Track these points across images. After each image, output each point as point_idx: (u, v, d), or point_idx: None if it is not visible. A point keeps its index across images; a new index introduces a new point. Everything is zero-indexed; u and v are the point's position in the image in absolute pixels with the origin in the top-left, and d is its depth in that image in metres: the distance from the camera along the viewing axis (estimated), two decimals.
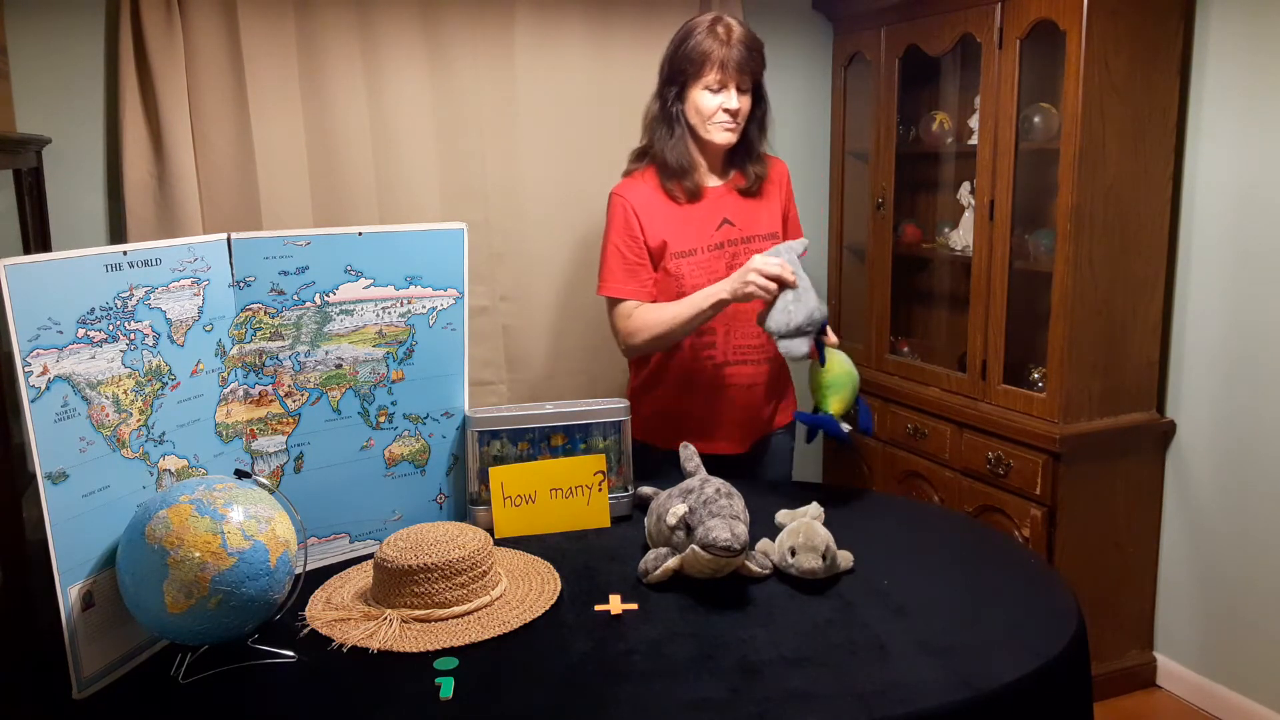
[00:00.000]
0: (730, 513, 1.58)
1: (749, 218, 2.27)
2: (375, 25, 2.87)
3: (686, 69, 2.17)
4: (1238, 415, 2.68)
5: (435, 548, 1.55)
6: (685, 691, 1.32)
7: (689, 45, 2.16)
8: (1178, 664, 2.91)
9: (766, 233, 2.28)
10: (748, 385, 2.28)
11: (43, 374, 1.33)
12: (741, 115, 2.18)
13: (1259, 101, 2.55)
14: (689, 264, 2.21)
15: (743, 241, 2.24)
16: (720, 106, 2.15)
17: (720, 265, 2.21)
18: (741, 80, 2.15)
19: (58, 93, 2.65)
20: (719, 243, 2.23)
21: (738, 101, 2.16)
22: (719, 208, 2.25)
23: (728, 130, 2.18)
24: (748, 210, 2.27)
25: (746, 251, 2.22)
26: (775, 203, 2.32)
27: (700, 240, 2.22)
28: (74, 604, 1.36)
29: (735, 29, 2.15)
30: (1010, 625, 1.50)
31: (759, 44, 2.18)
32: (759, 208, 2.28)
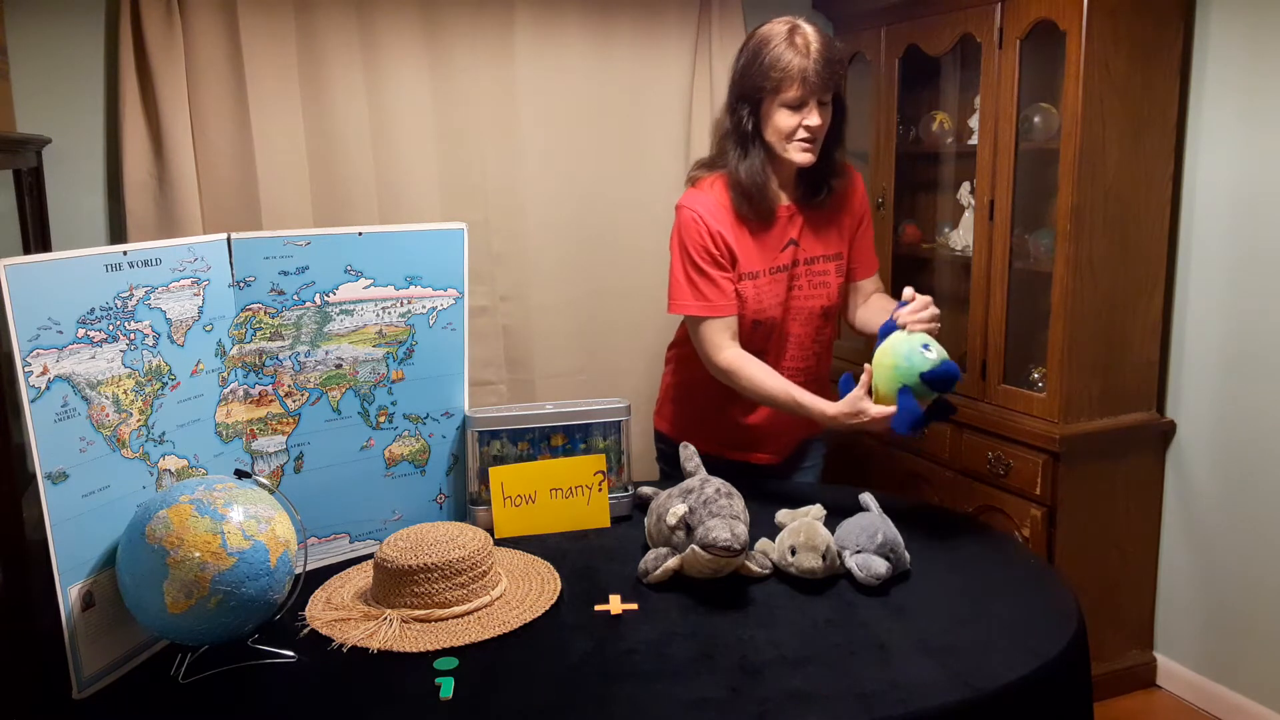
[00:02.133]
0: (730, 513, 1.58)
1: (815, 238, 2.12)
2: (375, 25, 2.87)
3: (763, 84, 1.97)
4: (1237, 415, 2.68)
5: (435, 548, 1.55)
6: (685, 691, 1.32)
7: (766, 58, 1.96)
8: (1178, 664, 2.91)
9: (831, 253, 2.15)
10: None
11: (43, 374, 1.33)
12: (823, 131, 2.01)
13: (1259, 101, 2.55)
14: (752, 286, 2.08)
15: (805, 263, 2.12)
16: (800, 124, 1.97)
17: (780, 288, 2.10)
18: (823, 95, 1.97)
19: (58, 93, 2.65)
20: (782, 264, 2.10)
21: (819, 118, 1.97)
22: (787, 228, 2.10)
23: (806, 150, 2.00)
24: (815, 229, 2.12)
25: (808, 274, 2.12)
26: (845, 220, 2.16)
27: (765, 263, 2.08)
28: (74, 604, 1.36)
29: (814, 39, 1.97)
30: (1010, 625, 1.50)
31: (839, 54, 2.01)
32: (828, 226, 2.13)
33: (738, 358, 2.04)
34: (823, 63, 1.95)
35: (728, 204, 2.05)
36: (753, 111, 2.01)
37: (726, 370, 2.04)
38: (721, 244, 2.03)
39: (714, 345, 2.05)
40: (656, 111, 3.22)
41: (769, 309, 2.10)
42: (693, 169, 2.17)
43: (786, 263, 2.10)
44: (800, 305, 2.14)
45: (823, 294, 2.15)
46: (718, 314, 2.04)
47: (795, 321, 2.14)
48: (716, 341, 2.05)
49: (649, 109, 3.21)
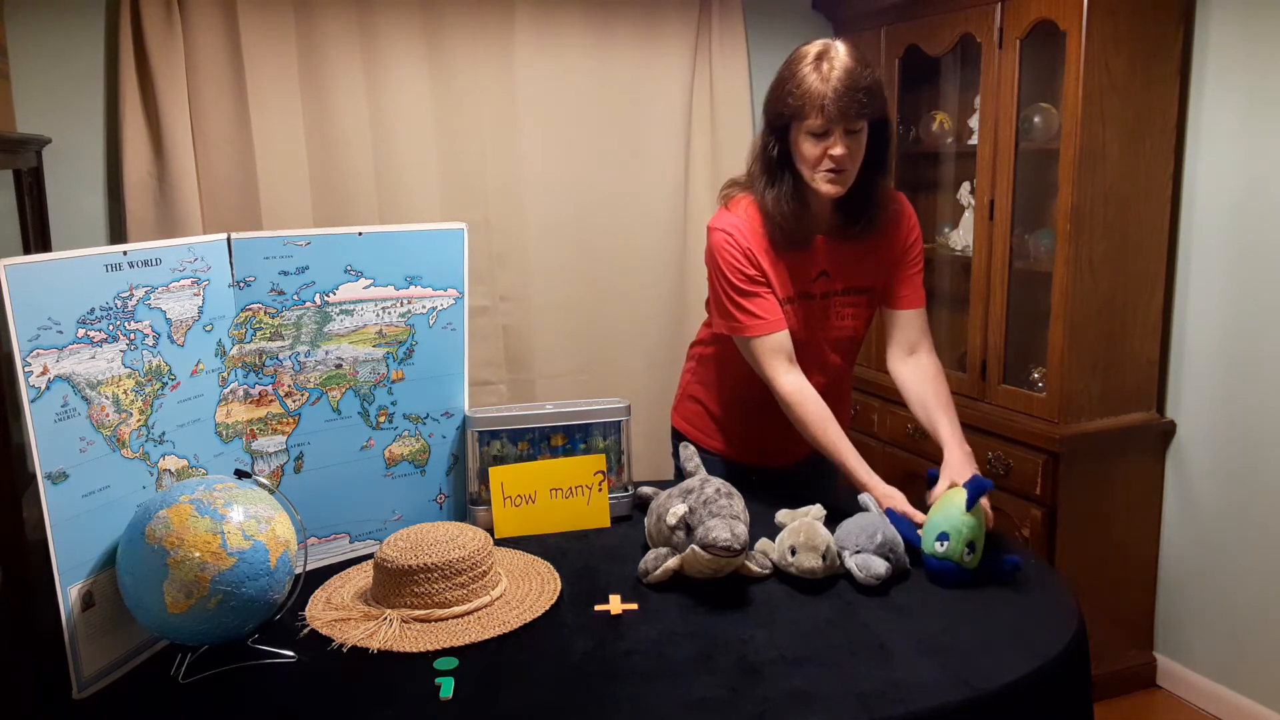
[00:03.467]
0: (730, 513, 1.58)
1: (848, 269, 2.02)
2: (375, 25, 2.87)
3: (786, 110, 1.86)
4: (1238, 415, 2.68)
5: (435, 548, 1.55)
6: (685, 691, 1.32)
7: (790, 83, 1.86)
8: (1178, 664, 2.91)
9: (861, 285, 2.04)
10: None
11: (43, 374, 1.32)
12: (852, 161, 1.87)
13: (1259, 101, 2.55)
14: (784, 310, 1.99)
15: (836, 294, 2.03)
16: (825, 153, 1.85)
17: (806, 315, 2.02)
18: (849, 123, 1.84)
19: (58, 93, 2.65)
20: (810, 293, 2.01)
21: (844, 147, 1.84)
22: (819, 258, 2.00)
23: (832, 181, 1.87)
24: (848, 259, 2.01)
25: (836, 305, 2.03)
26: (886, 253, 2.03)
27: (794, 289, 2.00)
28: (74, 604, 1.36)
29: (840, 64, 1.83)
30: (1010, 625, 1.50)
31: (870, 80, 1.85)
32: (865, 258, 2.02)
33: (799, 391, 1.94)
34: (846, 90, 1.81)
35: (759, 226, 1.95)
36: (780, 138, 1.90)
37: (786, 400, 1.94)
38: (756, 262, 1.94)
39: (772, 368, 1.95)
40: (656, 111, 3.22)
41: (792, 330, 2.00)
42: (725, 187, 2.06)
43: (815, 292, 2.01)
44: (824, 335, 2.06)
45: (849, 325, 2.08)
46: (766, 331, 1.94)
47: (818, 348, 2.07)
48: (773, 364, 1.95)
49: (649, 109, 3.21)
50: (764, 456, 2.20)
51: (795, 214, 1.92)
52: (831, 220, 1.98)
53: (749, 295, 1.94)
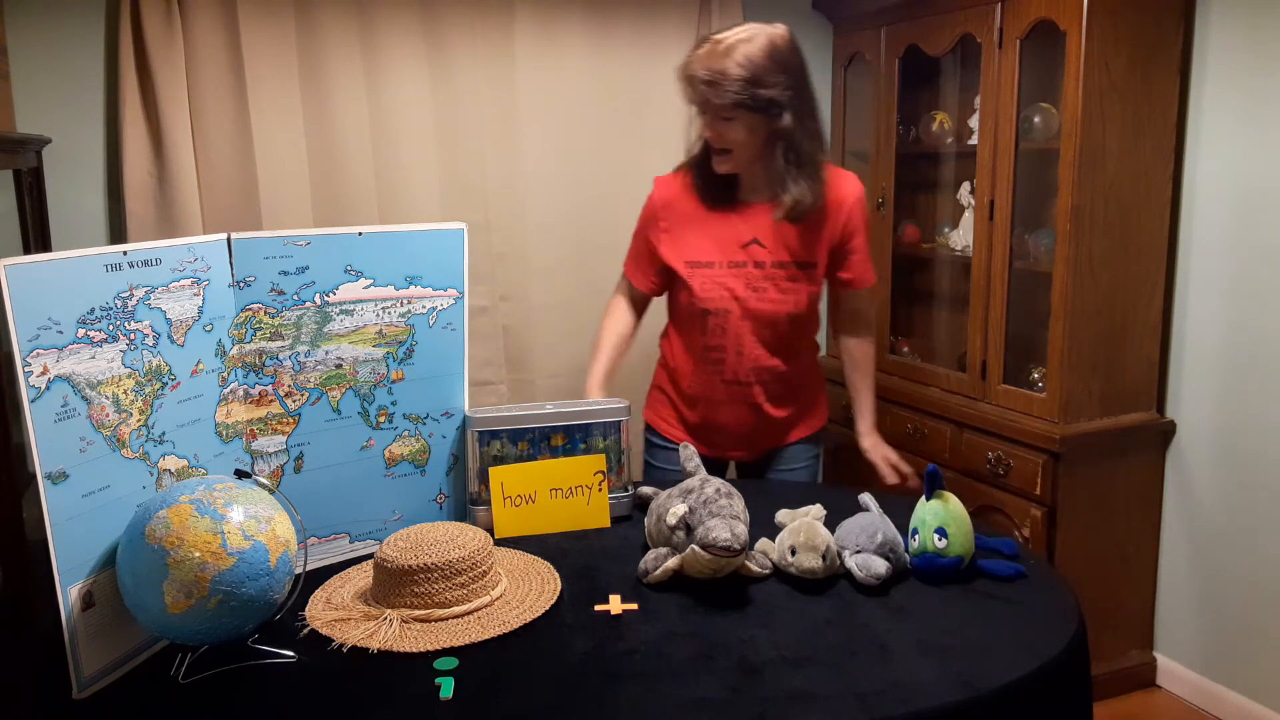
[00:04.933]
0: (730, 513, 1.58)
1: (785, 241, 2.10)
2: (375, 25, 2.87)
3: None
4: (1238, 415, 2.68)
5: (435, 548, 1.55)
6: (685, 691, 1.32)
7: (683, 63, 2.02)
8: (1178, 664, 2.91)
9: (802, 261, 2.11)
10: (755, 404, 2.22)
11: (43, 374, 1.32)
12: (730, 143, 2.01)
13: (1259, 101, 2.55)
14: (702, 275, 2.11)
15: (772, 266, 2.10)
16: (706, 133, 2.02)
17: (739, 284, 2.10)
18: (720, 109, 1.96)
19: (58, 93, 2.65)
20: (741, 261, 2.10)
21: (713, 130, 2.00)
22: (752, 225, 2.09)
23: (719, 160, 2.03)
24: (786, 232, 2.09)
25: (775, 279, 2.10)
26: (826, 229, 2.12)
27: (721, 254, 2.10)
28: (74, 604, 1.36)
29: (718, 51, 1.94)
30: (1010, 625, 1.50)
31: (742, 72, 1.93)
32: (804, 235, 2.10)
33: (611, 305, 2.30)
34: (702, 79, 1.93)
35: (694, 185, 2.13)
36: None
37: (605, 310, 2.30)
38: (655, 221, 2.17)
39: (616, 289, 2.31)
40: (656, 111, 3.22)
41: (719, 300, 2.12)
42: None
43: (747, 260, 2.10)
44: (763, 308, 2.13)
45: (790, 300, 2.13)
46: (629, 275, 2.26)
47: (759, 322, 2.14)
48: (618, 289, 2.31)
49: (649, 109, 3.21)
50: (720, 451, 2.27)
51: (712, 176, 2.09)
52: (763, 192, 2.09)
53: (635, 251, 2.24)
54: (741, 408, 2.22)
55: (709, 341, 2.16)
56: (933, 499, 1.66)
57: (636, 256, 2.23)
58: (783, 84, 1.97)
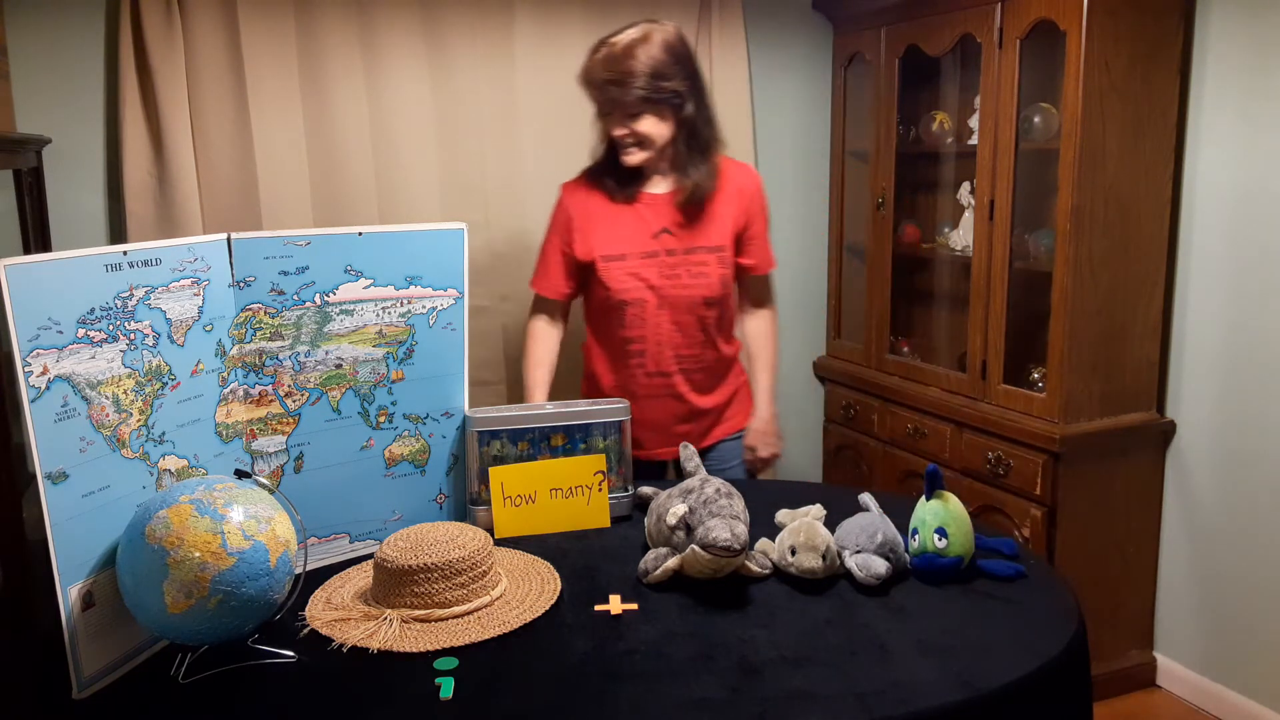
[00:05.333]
0: (730, 513, 1.58)
1: (692, 228, 2.22)
2: (375, 25, 2.87)
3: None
4: (1238, 415, 2.68)
5: (435, 548, 1.55)
6: (685, 691, 1.32)
7: (583, 67, 2.17)
8: (1178, 664, 2.91)
9: (710, 245, 2.23)
10: (679, 394, 2.29)
11: (43, 374, 1.32)
12: (639, 137, 2.14)
13: (1259, 101, 2.55)
14: (616, 268, 2.21)
15: (683, 252, 2.21)
16: (614, 130, 2.16)
17: (652, 273, 2.20)
18: (627, 107, 2.11)
19: (58, 93, 2.65)
20: (653, 250, 2.21)
21: (624, 126, 2.13)
22: (660, 215, 2.22)
23: (628, 153, 2.16)
24: (692, 220, 2.22)
25: (686, 264, 2.21)
26: (729, 214, 2.25)
27: (633, 245, 2.21)
28: (74, 604, 1.36)
29: (624, 56, 2.08)
30: (1010, 625, 1.50)
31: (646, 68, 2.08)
32: (706, 218, 2.23)
33: (534, 329, 2.33)
34: (610, 88, 2.09)
35: (598, 186, 2.24)
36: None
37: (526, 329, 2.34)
38: (568, 223, 2.24)
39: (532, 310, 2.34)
40: None
41: (635, 291, 2.21)
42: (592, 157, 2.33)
43: (659, 249, 2.20)
44: (679, 294, 2.22)
45: (702, 284, 2.22)
46: (539, 289, 2.29)
47: (676, 310, 2.23)
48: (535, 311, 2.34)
49: None
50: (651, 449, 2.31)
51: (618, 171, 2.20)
52: (666, 183, 2.22)
53: (546, 253, 2.28)
54: (666, 400, 2.28)
55: (628, 334, 2.24)
56: (933, 499, 1.66)
57: (546, 267, 2.28)
58: (680, 75, 2.12)
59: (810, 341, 3.66)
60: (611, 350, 2.28)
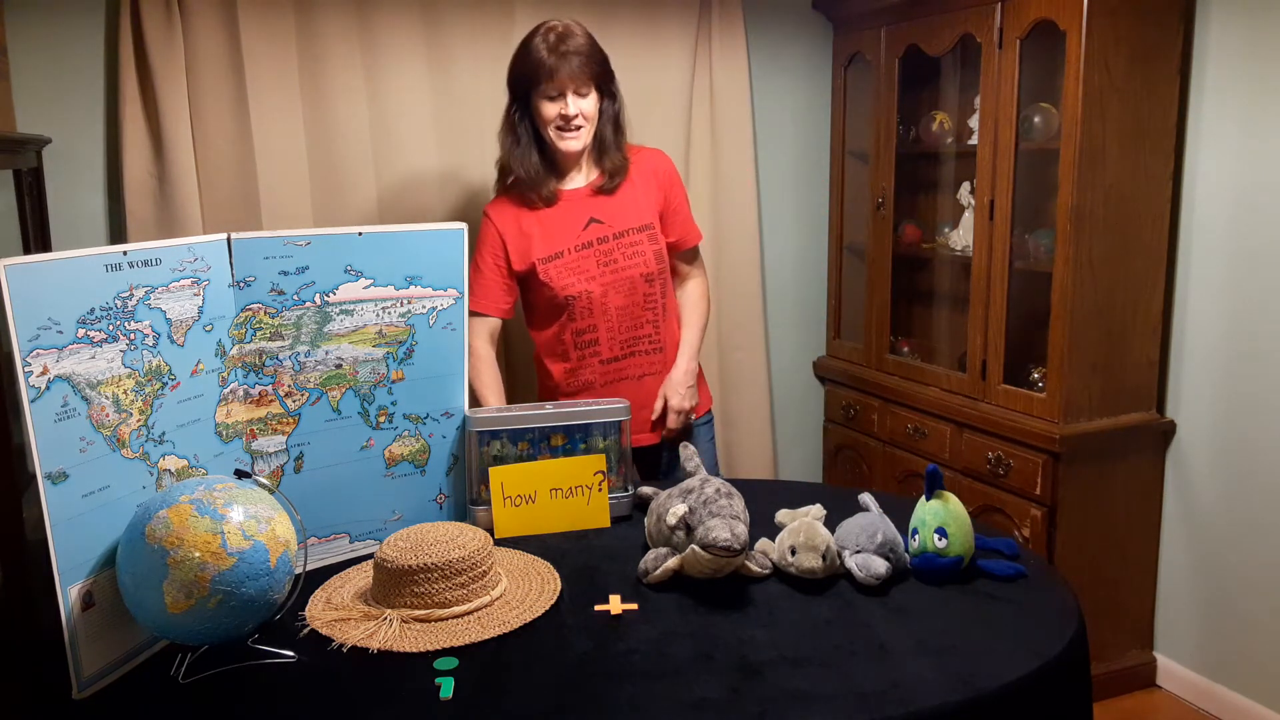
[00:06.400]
0: (730, 513, 1.58)
1: (617, 213, 2.30)
2: (375, 25, 2.87)
3: (522, 79, 2.21)
4: (1237, 415, 2.68)
5: (435, 548, 1.55)
6: (685, 691, 1.32)
7: (523, 56, 2.20)
8: (1178, 664, 2.91)
9: (638, 225, 2.30)
10: (639, 377, 2.35)
11: (43, 374, 1.33)
12: (586, 119, 2.21)
13: (1259, 102, 2.55)
14: (556, 267, 2.26)
15: (614, 237, 2.28)
16: (559, 113, 2.18)
17: (591, 264, 2.27)
18: (579, 85, 2.17)
19: (58, 93, 2.65)
20: (586, 241, 2.27)
21: (575, 107, 2.18)
22: (584, 207, 2.29)
23: (571, 137, 2.21)
24: (615, 206, 2.30)
25: (620, 247, 2.28)
26: (649, 195, 2.33)
27: (566, 241, 2.27)
28: (74, 604, 1.36)
29: (567, 35, 2.16)
30: (1010, 625, 1.50)
31: (592, 48, 2.19)
32: (628, 202, 2.31)
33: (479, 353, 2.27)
34: (571, 58, 2.14)
35: (518, 199, 2.29)
36: (523, 106, 2.24)
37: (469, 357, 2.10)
38: (498, 239, 2.28)
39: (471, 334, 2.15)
40: (656, 111, 3.21)
41: (579, 283, 2.26)
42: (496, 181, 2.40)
43: (592, 239, 2.27)
44: (620, 276, 2.29)
45: (639, 262, 2.30)
46: (477, 309, 2.25)
47: (619, 294, 2.29)
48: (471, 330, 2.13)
49: (649, 109, 3.21)
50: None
51: (539, 168, 2.25)
52: (585, 173, 2.31)
53: (479, 273, 2.28)
54: (626, 385, 2.33)
55: (578, 325, 2.29)
56: (933, 499, 1.66)
57: (485, 287, 2.29)
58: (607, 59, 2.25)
59: (810, 341, 3.66)
60: (564, 348, 2.32)
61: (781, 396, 3.60)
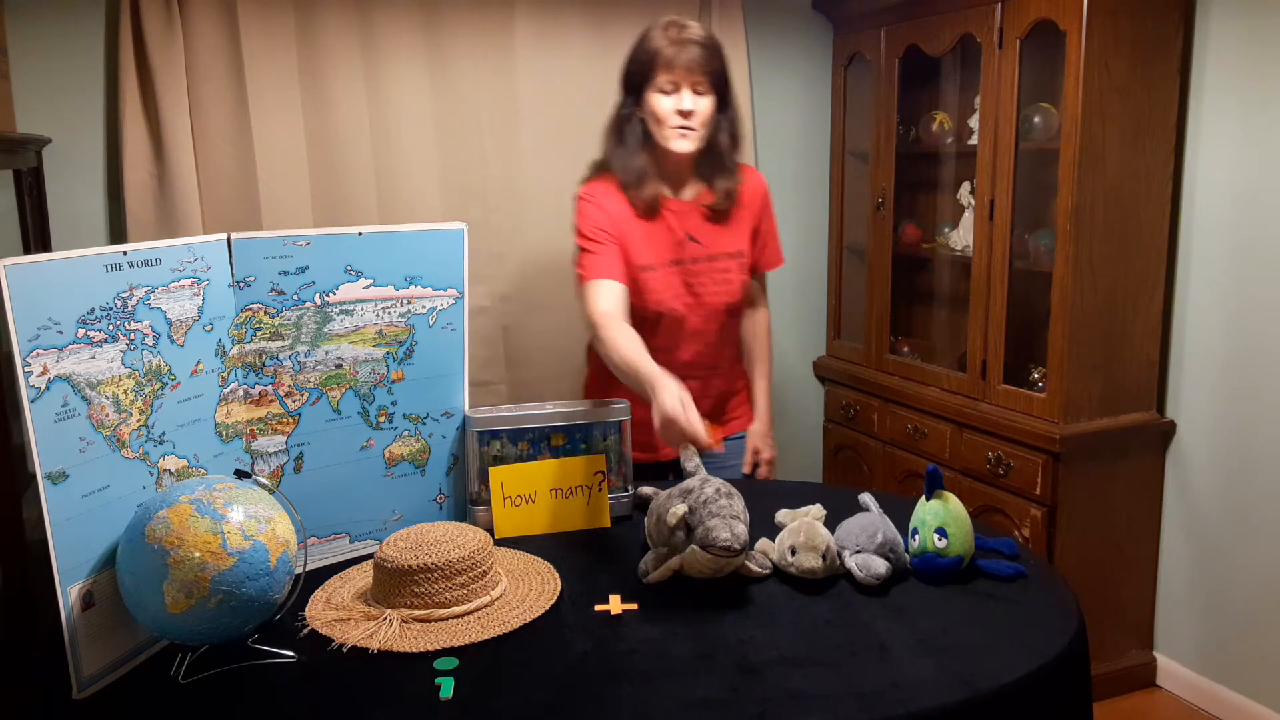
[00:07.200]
0: (730, 513, 1.58)
1: (716, 235, 2.17)
2: (375, 25, 2.87)
3: (638, 71, 2.08)
4: (1237, 415, 2.68)
5: (435, 548, 1.55)
6: (685, 691, 1.32)
7: (640, 47, 2.08)
8: (1178, 664, 2.91)
9: (731, 251, 2.19)
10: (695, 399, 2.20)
11: (43, 374, 1.32)
12: (700, 119, 2.06)
13: (1259, 101, 2.55)
14: (650, 278, 2.13)
15: (707, 259, 2.16)
16: (674, 109, 2.04)
17: (677, 281, 2.15)
18: (696, 81, 2.03)
19: (58, 93, 2.65)
20: (678, 259, 2.15)
21: (691, 102, 2.03)
22: (683, 223, 2.15)
23: (683, 136, 2.05)
24: (716, 227, 2.17)
25: (709, 270, 2.17)
26: (745, 219, 2.22)
27: (660, 256, 2.14)
28: (74, 604, 1.36)
29: (688, 28, 2.05)
30: (1010, 625, 1.50)
31: (715, 43, 2.07)
32: (728, 224, 2.19)
33: (609, 315, 1.98)
34: (694, 47, 2.01)
35: (622, 195, 2.11)
36: (634, 101, 2.10)
37: (595, 322, 1.99)
38: (610, 221, 2.09)
39: (593, 299, 2.01)
40: None
41: (668, 301, 2.14)
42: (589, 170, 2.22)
43: (685, 257, 2.14)
44: (704, 302, 2.18)
45: (726, 290, 2.19)
46: (604, 274, 2.03)
47: (699, 316, 2.18)
48: (594, 296, 2.01)
49: None
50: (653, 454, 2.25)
51: (646, 172, 2.10)
52: (690, 186, 2.16)
53: (597, 243, 2.06)
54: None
55: (656, 343, 2.12)
56: (933, 499, 1.66)
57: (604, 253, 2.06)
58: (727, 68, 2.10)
59: (810, 341, 3.66)
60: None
61: (781, 396, 3.60)
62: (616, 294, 2.04)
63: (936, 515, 1.64)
